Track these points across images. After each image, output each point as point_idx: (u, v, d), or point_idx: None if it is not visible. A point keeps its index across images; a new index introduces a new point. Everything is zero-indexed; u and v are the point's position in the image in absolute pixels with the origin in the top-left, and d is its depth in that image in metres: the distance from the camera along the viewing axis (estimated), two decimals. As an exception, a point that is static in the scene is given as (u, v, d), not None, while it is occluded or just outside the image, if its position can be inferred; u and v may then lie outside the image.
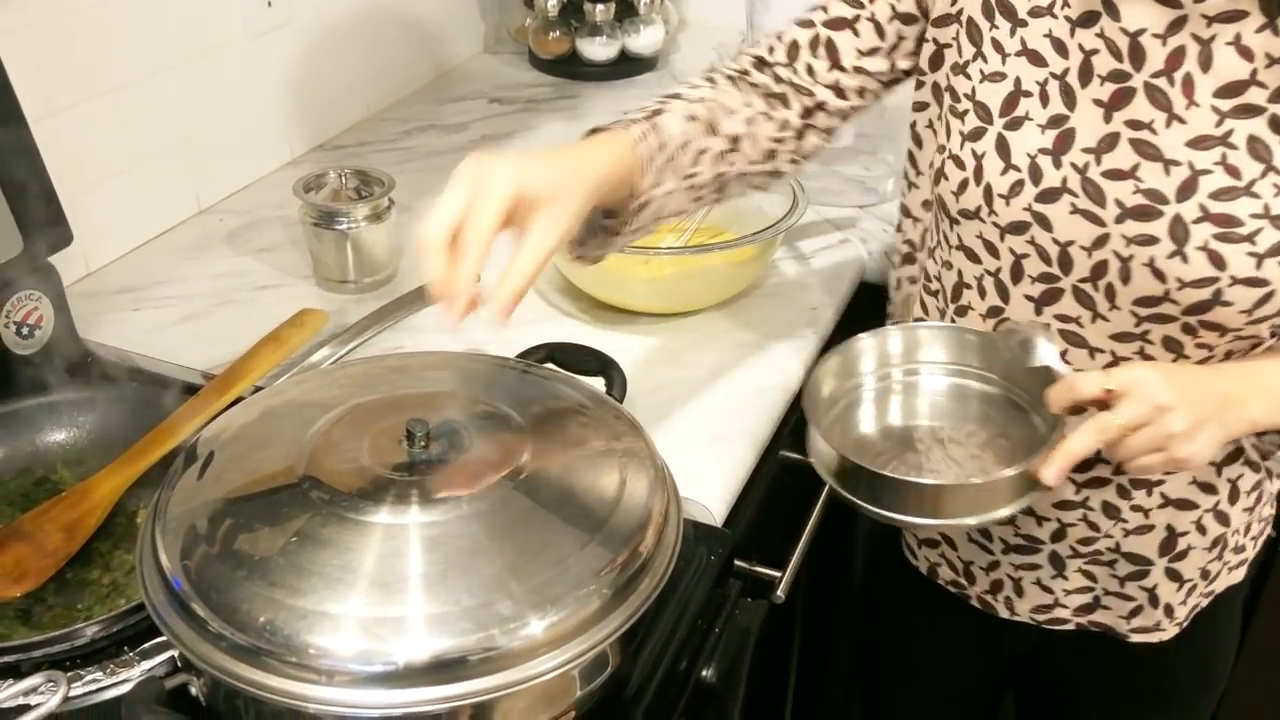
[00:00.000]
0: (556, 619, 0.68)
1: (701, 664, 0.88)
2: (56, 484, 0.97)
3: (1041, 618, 1.01)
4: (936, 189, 0.91)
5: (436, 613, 0.67)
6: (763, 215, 1.32)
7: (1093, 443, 0.81)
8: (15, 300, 1.05)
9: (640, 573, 0.73)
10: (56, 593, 0.87)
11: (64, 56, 1.20)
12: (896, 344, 0.98)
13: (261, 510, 0.73)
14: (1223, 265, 0.79)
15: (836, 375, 0.97)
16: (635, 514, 0.76)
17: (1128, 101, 0.81)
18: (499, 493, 0.74)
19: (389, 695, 0.65)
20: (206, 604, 0.67)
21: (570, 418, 0.85)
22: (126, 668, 0.81)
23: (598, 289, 1.27)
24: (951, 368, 0.97)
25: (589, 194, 0.78)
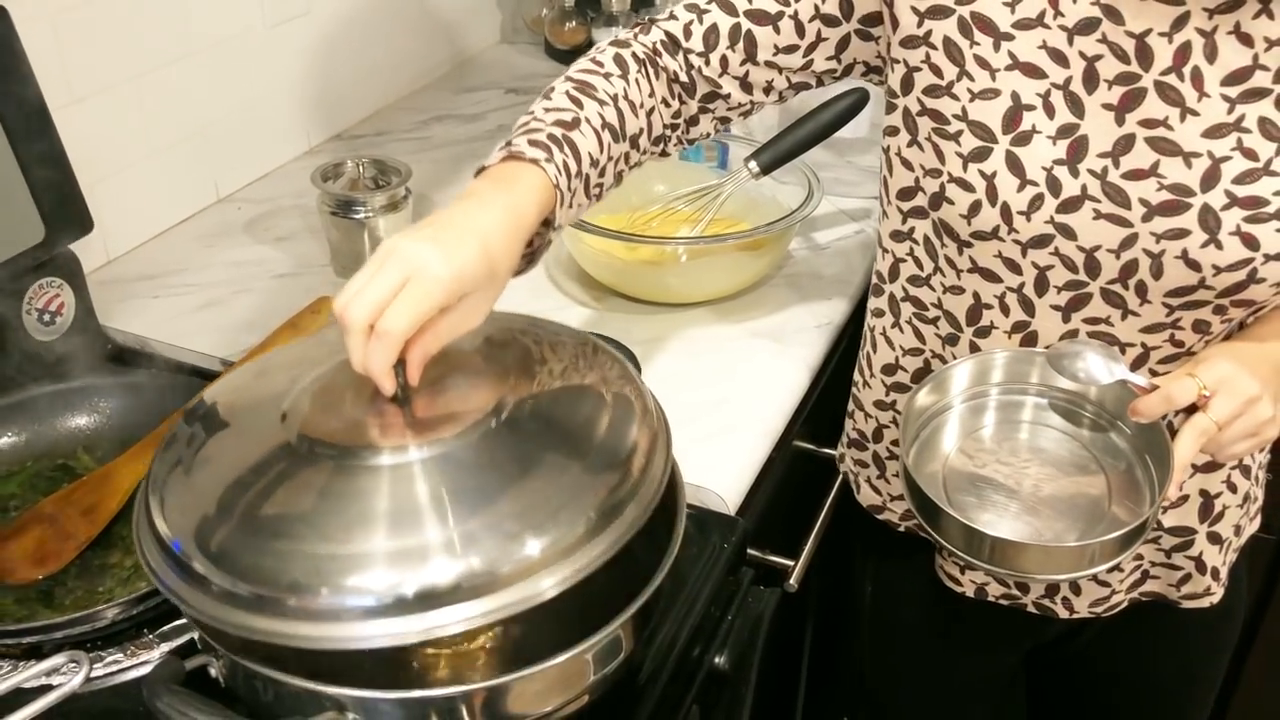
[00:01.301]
0: (550, 540, 0.67)
1: (714, 651, 0.89)
2: (77, 469, 0.98)
3: (1100, 609, 1.02)
4: (937, 214, 0.90)
5: (413, 546, 0.66)
6: (777, 206, 1.32)
7: (1198, 446, 0.83)
8: (37, 287, 1.06)
9: (628, 497, 0.72)
10: (78, 576, 0.88)
11: (85, 46, 1.21)
12: (997, 368, 0.93)
13: (255, 467, 0.73)
14: (1256, 245, 0.81)
15: (929, 395, 0.93)
16: (621, 443, 0.75)
17: (1139, 102, 0.81)
18: (483, 428, 0.74)
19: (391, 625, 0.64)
20: (207, 560, 0.67)
21: (556, 356, 0.84)
22: (146, 649, 0.83)
23: (613, 279, 1.28)
24: (1029, 388, 0.93)
25: (517, 259, 0.80)
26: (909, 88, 0.89)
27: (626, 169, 0.93)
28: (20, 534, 0.89)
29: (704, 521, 0.95)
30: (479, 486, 0.71)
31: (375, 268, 0.73)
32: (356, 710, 0.67)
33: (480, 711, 0.70)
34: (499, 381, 0.78)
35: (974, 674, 1.17)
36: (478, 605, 0.65)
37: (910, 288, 0.98)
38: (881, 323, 1.03)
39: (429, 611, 0.64)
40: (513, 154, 0.83)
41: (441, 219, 0.76)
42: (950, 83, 0.86)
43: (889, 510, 1.11)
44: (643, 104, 0.92)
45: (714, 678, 0.89)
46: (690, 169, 1.44)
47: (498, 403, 0.76)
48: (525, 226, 0.80)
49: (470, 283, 0.75)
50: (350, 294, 0.73)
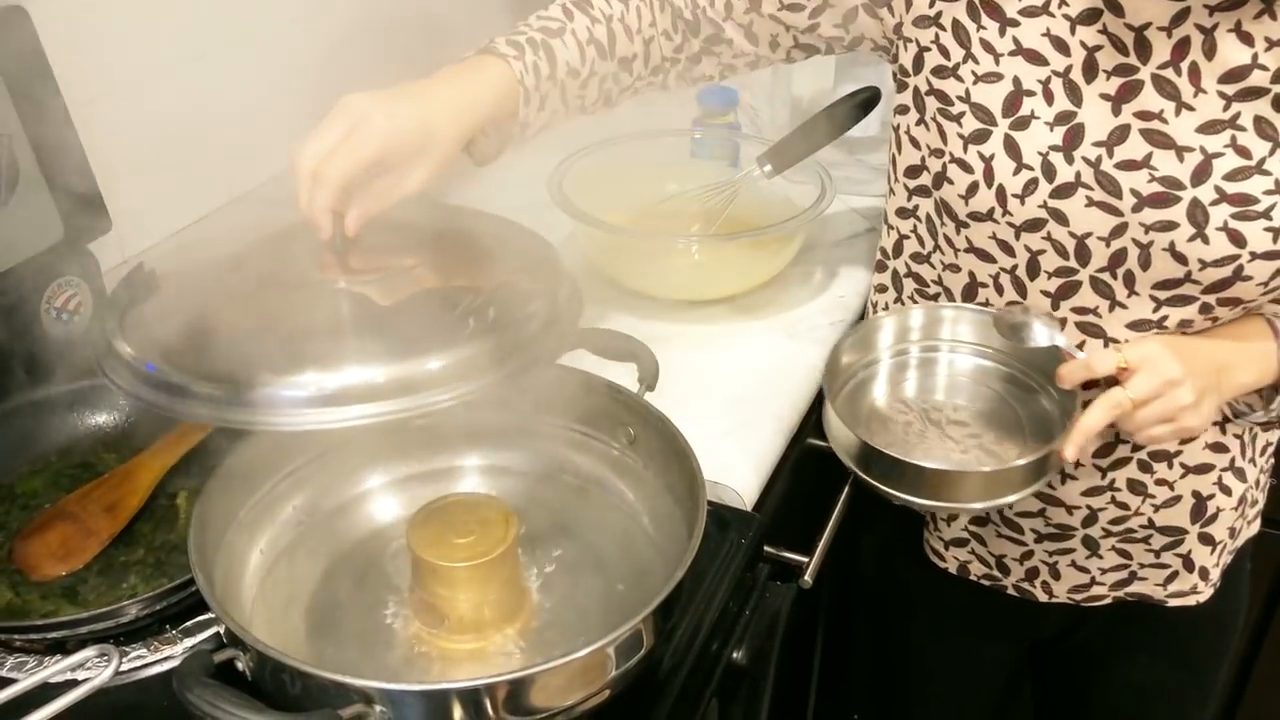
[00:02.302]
0: (446, 363, 0.78)
1: (733, 646, 0.89)
2: (98, 467, 0.99)
3: (1079, 596, 1.03)
4: (938, 193, 0.91)
5: (362, 348, 0.79)
6: (790, 204, 1.33)
7: (1108, 417, 0.84)
8: (55, 286, 1.06)
9: (518, 349, 0.82)
10: (101, 572, 0.89)
11: (101, 45, 1.21)
12: (917, 320, 1.01)
13: (209, 297, 0.85)
14: (1243, 243, 0.81)
15: (855, 350, 1.01)
16: (522, 308, 0.85)
17: (1136, 94, 0.83)
18: (404, 278, 0.86)
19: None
20: (180, 372, 0.78)
21: (491, 235, 0.96)
22: (170, 644, 0.83)
23: (627, 276, 1.28)
24: (970, 346, 1.00)
25: (462, 138, 0.87)
26: (919, 67, 0.90)
27: (616, 89, 0.98)
28: (44, 531, 0.90)
29: (722, 518, 0.95)
30: (395, 316, 0.83)
31: (326, 122, 0.83)
32: (383, 702, 0.68)
33: (503, 704, 0.70)
34: (430, 249, 0.90)
35: (973, 665, 1.18)
36: (391, 404, 0.77)
37: (912, 264, 1.00)
38: (884, 298, 1.05)
39: (352, 405, 0.76)
40: (487, 49, 0.90)
41: (400, 87, 0.85)
42: (956, 64, 0.88)
43: None
44: (640, 30, 0.95)
45: (732, 672, 0.89)
46: (703, 167, 1.45)
47: (422, 262, 0.88)
48: (476, 111, 0.87)
49: (406, 143, 0.83)
50: (301, 143, 0.82)
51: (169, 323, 0.83)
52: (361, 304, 0.84)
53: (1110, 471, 0.94)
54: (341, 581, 0.89)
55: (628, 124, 1.70)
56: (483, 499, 0.87)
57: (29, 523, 0.92)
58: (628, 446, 0.93)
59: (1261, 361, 0.88)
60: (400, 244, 0.91)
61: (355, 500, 0.95)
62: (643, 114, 1.77)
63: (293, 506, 0.91)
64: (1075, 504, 0.96)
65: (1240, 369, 0.87)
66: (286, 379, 0.76)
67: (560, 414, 0.96)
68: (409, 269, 0.88)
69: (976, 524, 1.02)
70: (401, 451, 0.96)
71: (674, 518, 0.86)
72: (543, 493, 0.95)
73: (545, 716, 0.73)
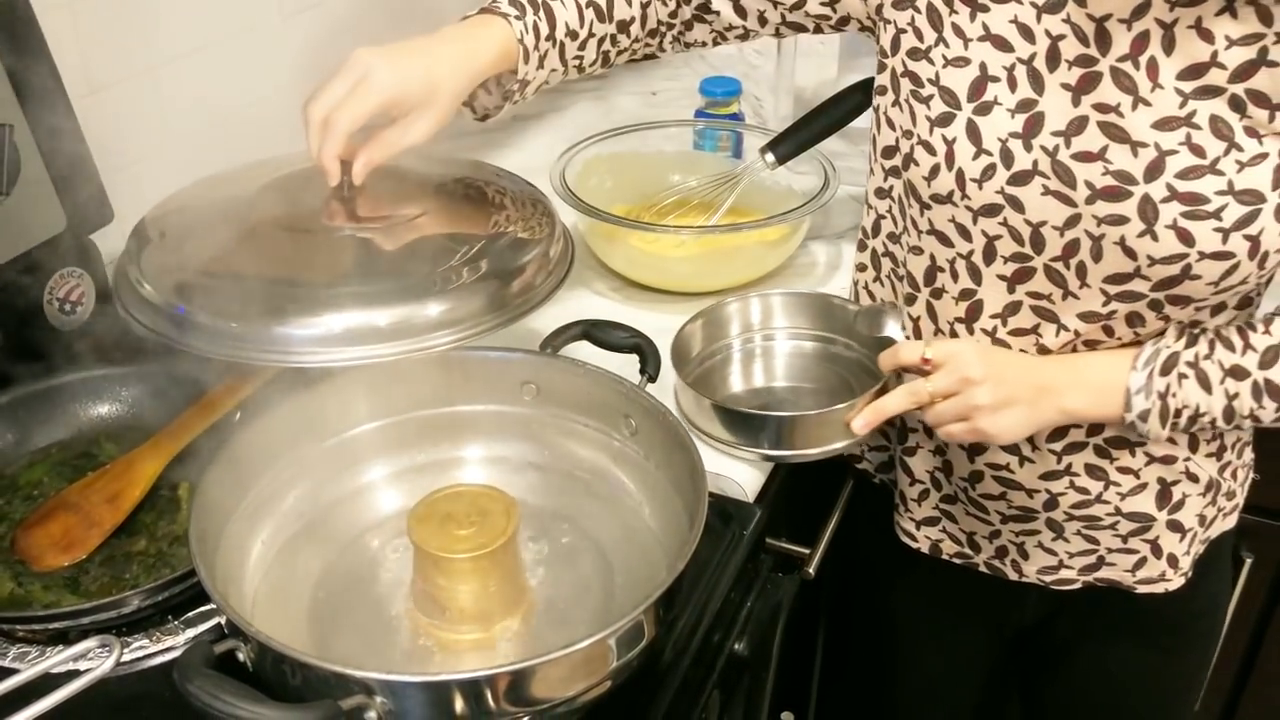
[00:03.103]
0: (444, 309, 0.84)
1: (734, 637, 0.90)
2: (100, 457, 0.99)
3: (1049, 578, 1.03)
4: (906, 174, 0.92)
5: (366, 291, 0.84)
6: (793, 195, 1.32)
7: (904, 404, 0.91)
8: (58, 277, 1.06)
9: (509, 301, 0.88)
10: (103, 563, 0.89)
11: (104, 35, 1.21)
12: (757, 310, 1.13)
13: (227, 241, 0.90)
14: (1191, 242, 0.81)
15: (702, 338, 1.11)
16: (515, 260, 0.90)
17: (1095, 85, 0.82)
18: (407, 225, 0.91)
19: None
20: (205, 312, 0.83)
21: (491, 186, 1.01)
22: (171, 635, 0.83)
23: (630, 269, 1.28)
24: (812, 333, 1.13)
25: (462, 91, 0.92)
26: (896, 49, 0.91)
27: (614, 51, 1.03)
28: (46, 521, 0.90)
29: (724, 510, 0.95)
30: (399, 262, 0.89)
31: (334, 75, 0.89)
32: (384, 694, 0.68)
33: (504, 695, 0.70)
34: (433, 199, 0.95)
35: (956, 651, 1.18)
36: (393, 346, 0.83)
37: (889, 244, 1.01)
38: (864, 277, 1.06)
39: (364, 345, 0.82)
40: (489, 8, 0.96)
41: (405, 43, 0.90)
42: (929, 47, 0.88)
43: (866, 461, 1.13)
44: None
45: (734, 663, 0.89)
46: (706, 159, 1.45)
47: (425, 211, 0.93)
48: (477, 66, 0.92)
49: (411, 95, 0.89)
50: (313, 95, 0.89)
51: (183, 269, 0.88)
52: (367, 249, 0.90)
53: (1066, 455, 0.94)
54: (343, 573, 0.89)
55: (630, 115, 1.70)
56: (484, 490, 0.87)
57: (31, 513, 0.92)
58: (630, 438, 0.93)
59: (1099, 394, 0.88)
60: (404, 193, 0.96)
61: (357, 492, 0.95)
62: (646, 105, 1.77)
63: (294, 497, 0.91)
64: (1034, 487, 0.97)
65: (1067, 394, 0.88)
66: (300, 319, 0.82)
67: (562, 405, 0.96)
68: (412, 217, 0.92)
69: (946, 502, 1.03)
70: (403, 443, 0.96)
71: (676, 509, 0.86)
72: (544, 484, 0.95)
73: (547, 707, 0.73)
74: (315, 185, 0.92)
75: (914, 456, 1.02)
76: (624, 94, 1.79)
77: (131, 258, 0.90)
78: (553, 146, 1.42)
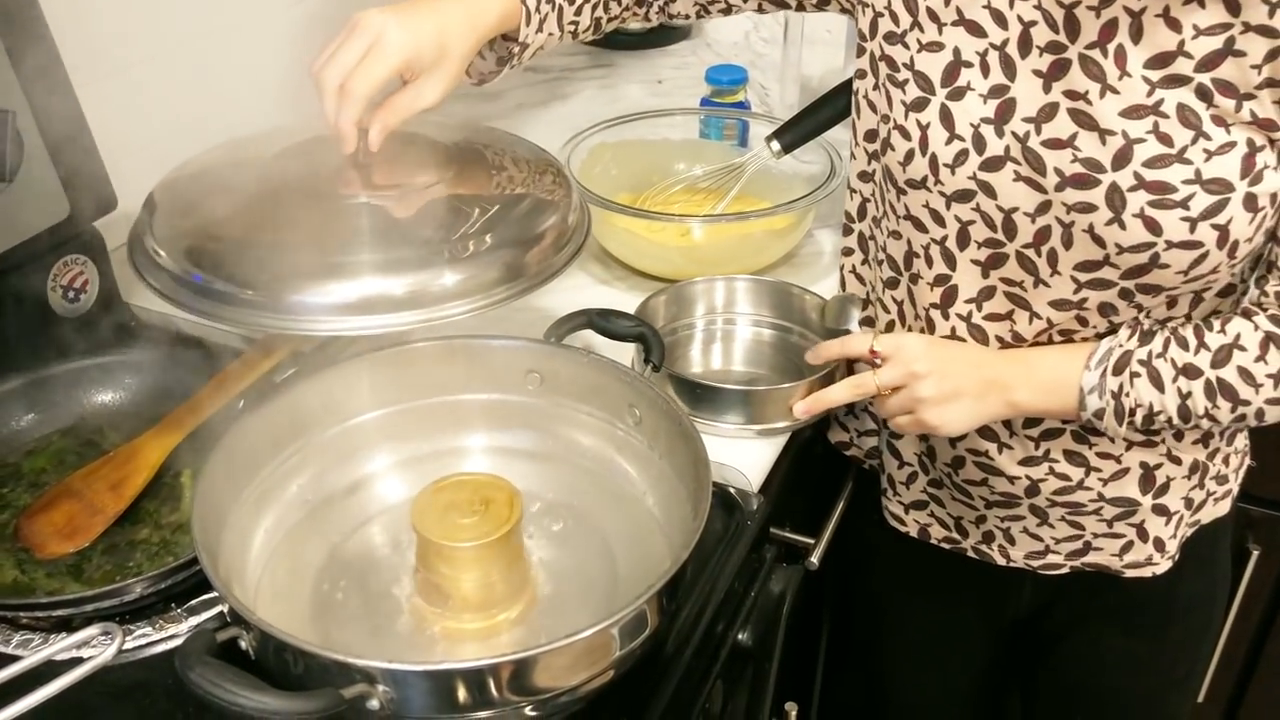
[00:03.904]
0: (461, 278, 0.84)
1: (738, 627, 0.89)
2: (103, 445, 0.99)
3: (1036, 564, 1.03)
4: (884, 159, 0.92)
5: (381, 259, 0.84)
6: (799, 183, 1.32)
7: (849, 395, 0.95)
8: (62, 264, 1.06)
9: (528, 268, 0.88)
10: (106, 551, 0.89)
11: (108, 22, 1.21)
12: (721, 293, 1.16)
13: (241, 209, 0.89)
14: (1158, 231, 0.81)
15: (665, 314, 1.14)
16: (533, 227, 0.90)
17: (1065, 72, 0.82)
18: (421, 192, 0.90)
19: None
20: (220, 279, 0.83)
21: (506, 154, 1.01)
22: (174, 623, 0.83)
23: (634, 257, 1.27)
24: (771, 321, 1.17)
25: (471, 52, 0.91)
26: (874, 32, 0.91)
27: (605, 18, 1.03)
28: (49, 509, 0.90)
29: (727, 499, 0.95)
30: (415, 230, 0.88)
31: (344, 37, 0.87)
32: (386, 682, 0.68)
33: (507, 684, 0.70)
34: (451, 166, 0.94)
35: (954, 641, 1.18)
36: (410, 316, 0.82)
37: (874, 227, 1.01)
38: (851, 260, 1.06)
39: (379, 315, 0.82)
40: None
41: (411, 2, 0.89)
42: (904, 31, 0.88)
43: (855, 446, 1.13)
44: None
45: (738, 654, 0.89)
46: (711, 147, 1.44)
47: (442, 179, 0.92)
48: (482, 25, 0.92)
49: (424, 55, 0.88)
50: (324, 60, 0.87)
51: (198, 236, 0.88)
52: (382, 217, 0.89)
53: (1043, 441, 0.94)
54: (346, 561, 0.89)
55: (636, 103, 1.69)
56: (488, 479, 0.87)
57: (34, 500, 0.92)
58: (634, 427, 0.93)
59: (1049, 392, 0.88)
60: (419, 159, 0.95)
61: (360, 480, 0.94)
62: (651, 93, 1.76)
63: (297, 486, 0.91)
64: (1014, 474, 0.97)
65: (1017, 388, 0.89)
66: (313, 288, 0.82)
67: (566, 394, 0.96)
68: (428, 184, 0.91)
69: (933, 486, 1.03)
70: (406, 432, 0.96)
71: (679, 499, 0.86)
72: (548, 473, 0.95)
73: (549, 697, 0.73)
74: (329, 152, 0.91)
75: (900, 440, 1.03)
76: (630, 82, 1.79)
77: (146, 225, 0.90)
78: (558, 134, 1.41)
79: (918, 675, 1.23)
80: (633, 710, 0.79)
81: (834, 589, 1.29)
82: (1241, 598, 1.51)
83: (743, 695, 0.95)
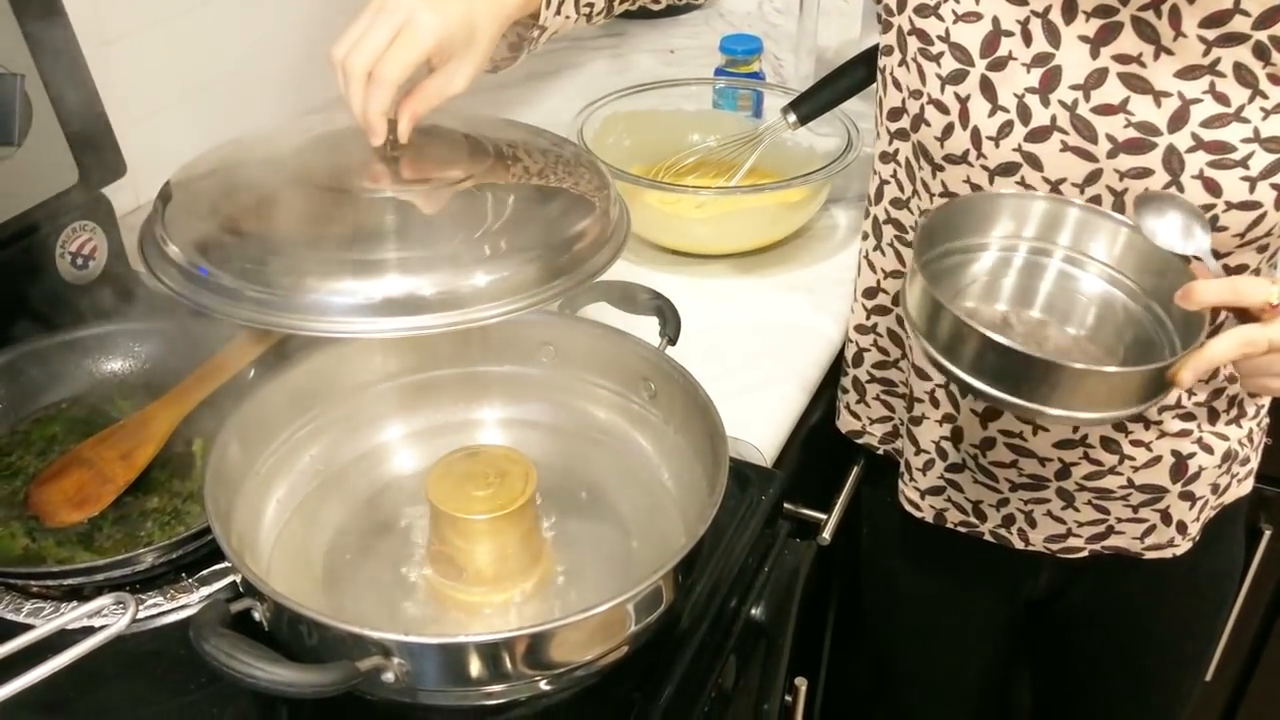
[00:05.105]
0: (495, 279, 0.77)
1: (751, 602, 0.89)
2: (113, 413, 0.98)
3: (1055, 546, 1.02)
4: (916, 135, 0.90)
5: (410, 258, 0.78)
6: (814, 156, 1.30)
7: (1236, 353, 0.72)
8: (70, 230, 1.05)
9: (567, 267, 0.81)
10: (117, 520, 0.88)
11: (115, -14, 1.19)
12: (1037, 212, 0.83)
13: (258, 202, 0.83)
14: (1218, 192, 0.79)
15: (952, 229, 0.83)
16: (571, 227, 0.82)
17: (1115, 35, 0.81)
18: (455, 188, 0.84)
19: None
20: (230, 275, 0.77)
21: (537, 148, 0.94)
22: (186, 593, 0.83)
23: (648, 229, 1.26)
24: (1091, 261, 0.84)
25: (497, 36, 0.87)
26: (902, 6, 0.89)
27: (616, 0, 1.00)
28: (60, 477, 0.89)
29: (742, 474, 0.94)
30: (445, 227, 0.82)
31: (370, 20, 0.80)
32: (400, 655, 0.67)
33: (522, 658, 0.70)
34: (481, 160, 0.87)
35: (966, 622, 1.17)
36: (439, 318, 0.76)
37: (892, 210, 0.99)
38: (866, 245, 1.04)
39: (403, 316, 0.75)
40: None
41: None
42: (938, 3, 0.86)
43: (868, 434, 1.12)
44: None
45: (751, 629, 0.89)
46: (726, 118, 1.43)
47: (474, 173, 0.85)
48: (509, 7, 0.86)
49: (455, 38, 0.82)
50: (349, 44, 0.80)
51: (212, 227, 0.82)
52: (411, 213, 0.82)
53: (1082, 426, 0.93)
54: (359, 533, 0.88)
55: (648, 73, 1.67)
56: (502, 451, 0.86)
57: (44, 469, 0.91)
58: (649, 401, 0.92)
59: None
60: (448, 152, 0.88)
61: (373, 451, 0.94)
62: (663, 63, 1.74)
63: (310, 456, 0.90)
64: (1047, 455, 0.95)
65: None
66: (338, 286, 0.75)
67: (581, 367, 0.95)
68: (459, 179, 0.85)
69: (952, 471, 1.02)
70: (420, 403, 0.95)
71: (694, 473, 0.85)
72: (562, 446, 0.94)
73: (564, 671, 0.72)
74: (354, 144, 0.85)
75: (920, 426, 1.01)
76: (641, 52, 1.77)
77: (158, 215, 0.85)
78: (569, 105, 1.40)
79: (927, 653, 1.23)
80: (646, 685, 0.78)
81: (844, 566, 1.29)
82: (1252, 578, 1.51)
83: (755, 670, 0.95)
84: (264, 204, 0.83)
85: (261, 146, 0.90)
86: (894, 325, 1.03)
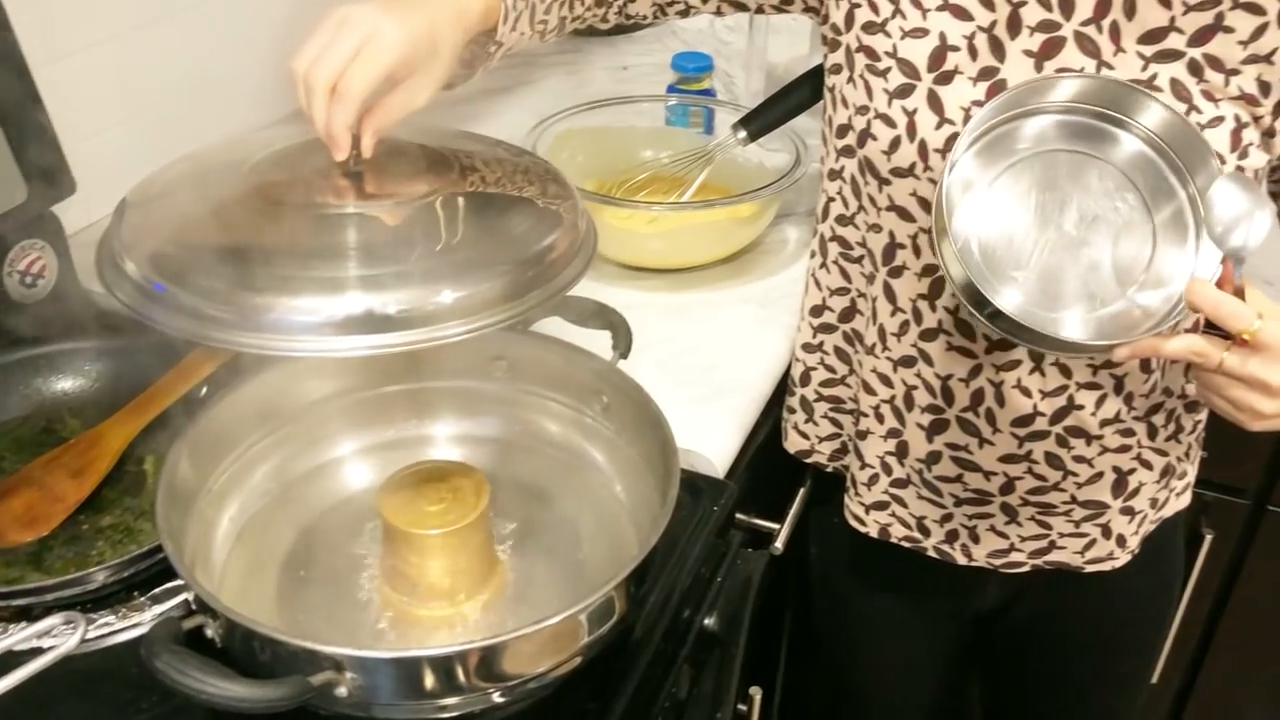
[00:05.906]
0: (461, 295, 0.76)
1: (705, 612, 0.90)
2: (63, 432, 0.97)
3: (998, 561, 1.03)
4: (862, 151, 0.91)
5: (376, 274, 0.76)
6: (765, 172, 1.32)
7: (1185, 357, 0.76)
8: (19, 249, 1.04)
9: (536, 282, 0.80)
10: (68, 539, 0.88)
11: (62, 4, 1.19)
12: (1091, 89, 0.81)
13: (214, 217, 0.82)
14: None
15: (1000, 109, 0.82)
16: (539, 241, 0.82)
17: (1058, 50, 0.83)
18: (420, 203, 0.83)
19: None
20: (185, 291, 0.75)
21: (500, 161, 0.94)
22: (138, 611, 0.82)
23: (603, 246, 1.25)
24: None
25: (458, 49, 0.87)
26: (850, 24, 0.91)
27: (569, 18, 1.00)
28: (8, 497, 0.89)
29: (694, 485, 0.95)
30: (410, 244, 0.80)
31: (333, 33, 0.79)
32: (353, 669, 0.68)
33: (475, 671, 0.70)
34: (445, 174, 0.86)
35: (916, 639, 1.19)
36: (406, 335, 0.74)
37: (837, 227, 1.00)
38: (813, 264, 1.05)
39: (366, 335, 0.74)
40: None
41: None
42: (885, 20, 0.88)
43: (817, 452, 1.12)
44: None
45: (705, 638, 0.90)
46: (677, 135, 1.44)
47: (438, 188, 0.84)
48: (467, 21, 0.86)
49: (419, 53, 0.82)
50: (311, 57, 0.79)
51: (171, 244, 0.81)
52: (376, 229, 0.81)
53: (1027, 442, 0.95)
54: (312, 548, 0.88)
55: (602, 89, 1.69)
56: (455, 466, 0.87)
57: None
58: (601, 414, 0.93)
59: None
60: (410, 167, 0.87)
61: (326, 467, 0.94)
62: (617, 80, 1.76)
63: (263, 473, 0.90)
64: (992, 469, 0.97)
65: None
66: (301, 304, 0.74)
67: (533, 381, 0.96)
68: (422, 193, 0.84)
69: (897, 486, 1.03)
70: (373, 419, 0.95)
71: (646, 485, 0.86)
72: (515, 460, 0.95)
73: (517, 683, 0.73)
74: (315, 159, 0.84)
75: (865, 441, 1.02)
76: (595, 68, 1.78)
77: (115, 231, 0.83)
78: (523, 120, 1.41)
79: (880, 671, 1.24)
80: (600, 695, 0.79)
81: (799, 575, 1.30)
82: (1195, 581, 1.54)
83: (709, 680, 0.96)
84: (224, 220, 0.81)
85: (221, 161, 0.89)
86: (840, 343, 1.04)
